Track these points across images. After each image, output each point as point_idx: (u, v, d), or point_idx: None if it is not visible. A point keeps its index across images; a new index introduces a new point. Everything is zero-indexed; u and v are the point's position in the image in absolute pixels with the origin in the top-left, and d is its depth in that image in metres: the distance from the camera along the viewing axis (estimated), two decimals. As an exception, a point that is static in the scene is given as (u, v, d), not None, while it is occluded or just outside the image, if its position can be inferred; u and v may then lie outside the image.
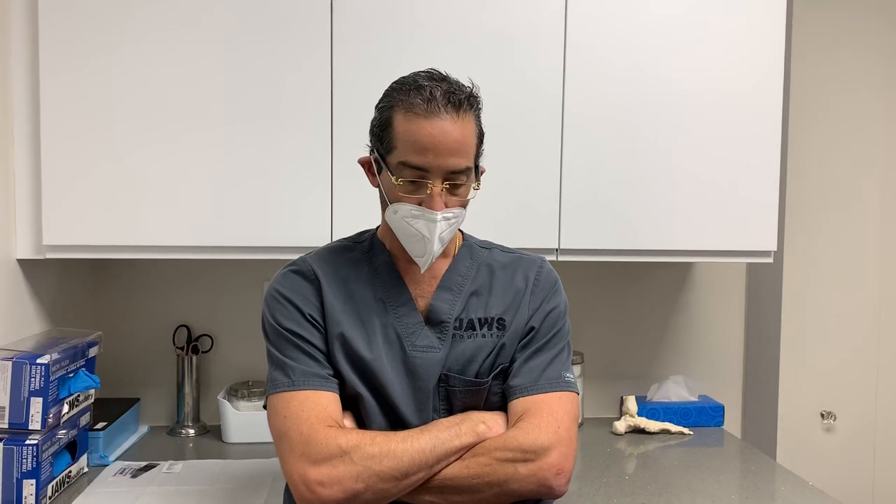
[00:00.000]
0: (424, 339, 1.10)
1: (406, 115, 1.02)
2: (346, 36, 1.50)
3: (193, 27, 1.47)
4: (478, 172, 1.12)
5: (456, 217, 1.07)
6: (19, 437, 1.31)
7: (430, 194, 1.03)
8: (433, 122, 1.01)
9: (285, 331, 1.08)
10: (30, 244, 1.49)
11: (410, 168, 1.02)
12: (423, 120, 1.01)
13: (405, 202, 1.05)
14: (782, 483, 1.52)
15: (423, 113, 1.01)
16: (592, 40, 1.57)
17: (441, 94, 1.01)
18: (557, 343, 1.13)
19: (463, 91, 1.04)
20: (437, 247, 1.06)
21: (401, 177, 1.03)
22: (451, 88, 1.03)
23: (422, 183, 1.03)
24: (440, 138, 1.01)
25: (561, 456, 1.00)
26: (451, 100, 1.02)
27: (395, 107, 1.04)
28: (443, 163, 1.01)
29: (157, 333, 1.87)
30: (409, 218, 1.05)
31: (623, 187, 1.59)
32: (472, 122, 1.06)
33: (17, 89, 1.46)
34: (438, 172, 1.02)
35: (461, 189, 1.07)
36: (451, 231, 1.08)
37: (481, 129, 1.10)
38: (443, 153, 1.01)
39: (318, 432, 0.98)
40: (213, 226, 1.49)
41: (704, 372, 2.06)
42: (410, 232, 1.06)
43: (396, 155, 1.03)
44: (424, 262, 1.08)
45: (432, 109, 1.01)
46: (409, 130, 1.02)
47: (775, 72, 1.62)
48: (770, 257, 1.67)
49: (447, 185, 1.04)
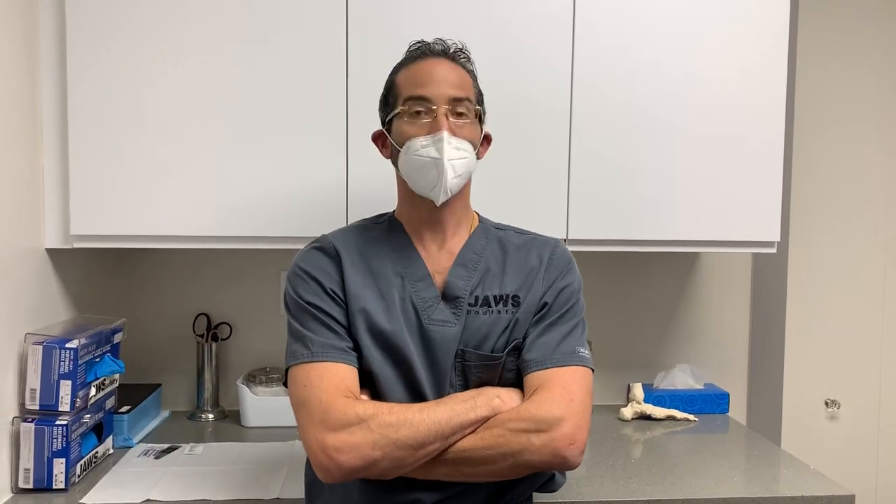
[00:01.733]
0: (440, 314, 1.13)
1: (405, 66, 1.16)
2: (361, 22, 1.53)
3: (217, 21, 1.50)
4: (481, 121, 1.19)
5: (465, 151, 1.12)
6: (50, 418, 1.37)
7: (435, 118, 1.11)
8: (429, 60, 1.14)
9: (307, 304, 1.11)
10: (58, 234, 1.53)
11: (415, 99, 1.12)
12: (420, 61, 1.15)
13: (415, 137, 1.11)
14: (785, 466, 1.55)
15: (419, 58, 1.15)
16: (601, 33, 1.59)
17: (434, 46, 1.16)
18: (571, 318, 1.15)
19: (454, 45, 1.17)
20: (449, 173, 1.09)
21: (406, 108, 1.12)
22: (443, 43, 1.17)
23: (428, 113, 1.11)
24: (438, 70, 1.13)
25: (574, 427, 1.02)
26: (443, 48, 1.16)
27: (396, 71, 1.18)
28: (444, 91, 1.11)
29: (178, 321, 1.92)
30: (418, 150, 1.10)
31: (630, 178, 1.62)
32: (468, 73, 1.17)
33: (45, 84, 1.51)
34: (441, 99, 1.11)
35: (466, 122, 1.14)
36: (463, 165, 1.12)
37: (479, 88, 1.20)
38: (442, 82, 1.11)
39: (336, 401, 1.01)
40: (232, 217, 1.53)
41: (710, 360, 2.09)
42: (421, 162, 1.10)
43: (402, 97, 1.13)
44: (438, 192, 1.11)
45: (427, 54, 1.15)
46: (408, 74, 1.14)
47: (780, 62, 1.64)
48: (773, 248, 1.69)
49: (450, 110, 1.11)
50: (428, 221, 1.18)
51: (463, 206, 1.21)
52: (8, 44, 1.38)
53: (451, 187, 1.11)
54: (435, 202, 1.13)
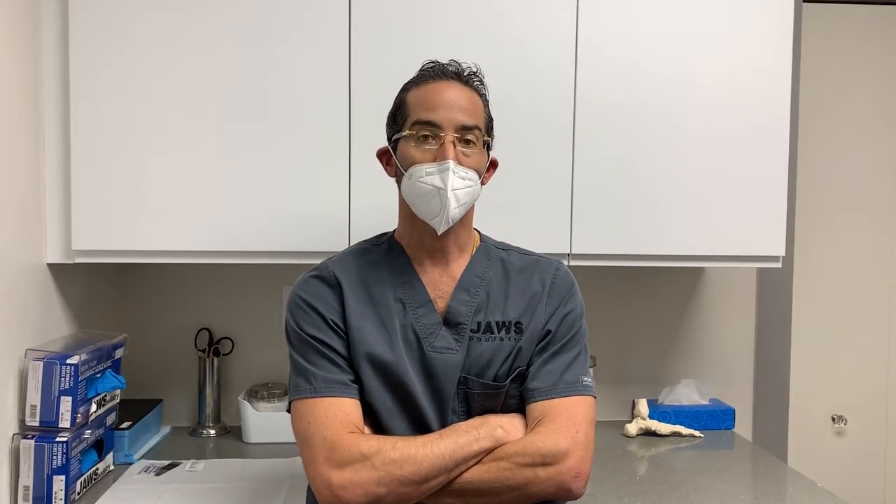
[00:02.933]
0: (442, 341, 1.12)
1: (417, 86, 1.14)
2: (364, 38, 1.53)
3: (218, 31, 1.51)
4: (489, 149, 1.17)
5: (470, 181, 1.10)
6: (49, 434, 1.36)
7: (442, 145, 1.09)
8: (441, 83, 1.12)
9: (308, 336, 1.11)
10: (59, 249, 1.52)
11: (423, 123, 1.10)
12: (433, 83, 1.12)
13: (419, 164, 1.09)
14: (792, 485, 1.53)
15: (432, 79, 1.13)
16: (603, 44, 1.58)
17: (448, 67, 1.14)
18: (574, 346, 1.15)
19: (468, 69, 1.15)
20: (452, 203, 1.08)
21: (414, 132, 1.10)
22: (457, 65, 1.15)
23: (435, 139, 1.09)
24: (449, 95, 1.10)
25: (579, 460, 1.02)
26: (457, 71, 1.14)
27: (407, 89, 1.15)
28: (453, 116, 1.09)
29: (180, 336, 1.91)
30: (423, 176, 1.09)
31: (634, 193, 1.61)
32: (479, 98, 1.16)
33: (48, 100, 1.51)
34: (449, 126, 1.09)
35: (473, 151, 1.12)
36: (467, 195, 1.10)
37: (489, 114, 1.18)
38: (453, 108, 1.09)
39: (341, 438, 1.01)
40: (234, 231, 1.53)
41: (715, 376, 2.07)
42: (424, 190, 1.09)
43: (410, 119, 1.11)
44: (440, 222, 1.10)
45: (440, 76, 1.13)
46: (419, 95, 1.12)
47: (783, 74, 1.64)
48: (779, 262, 1.68)
49: (458, 138, 1.10)
50: (429, 246, 1.17)
51: (466, 231, 1.19)
52: (10, 55, 1.38)
53: (453, 217, 1.10)
54: (437, 231, 1.12)
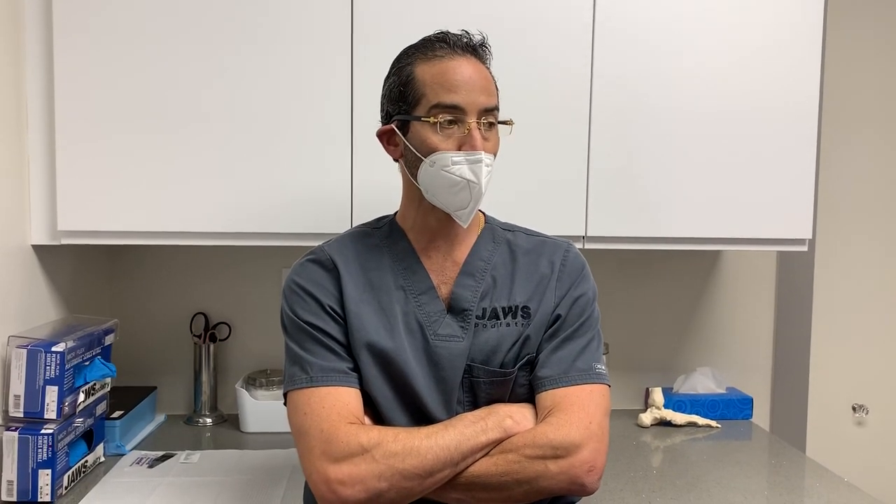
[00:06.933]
0: (447, 328, 1.07)
1: (428, 62, 1.03)
2: (366, 22, 1.46)
3: (212, 13, 1.43)
4: None
5: (492, 167, 1.05)
6: (34, 426, 1.30)
7: (469, 133, 1.01)
8: (458, 61, 1.02)
9: (304, 323, 1.05)
10: (45, 230, 1.46)
11: (445, 108, 1.01)
12: (449, 61, 1.02)
13: (443, 150, 1.01)
14: (814, 478, 1.48)
15: (445, 55, 1.03)
16: (623, 22, 1.51)
17: (457, 41, 1.05)
18: (587, 332, 1.09)
19: (475, 38, 1.06)
20: (482, 194, 1.03)
21: (437, 118, 1.01)
22: (464, 36, 1.05)
23: (459, 123, 1.01)
24: (469, 75, 1.02)
25: (593, 452, 0.97)
26: (467, 45, 1.05)
27: (413, 62, 1.05)
28: (476, 99, 1.01)
29: (174, 321, 1.85)
30: (449, 166, 1.01)
31: (651, 173, 1.55)
32: (489, 70, 1.07)
33: (31, 73, 1.44)
34: (473, 109, 1.01)
35: (493, 134, 1.05)
36: (489, 182, 1.05)
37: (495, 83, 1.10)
38: (475, 89, 1.01)
39: (338, 429, 0.95)
40: (231, 212, 1.46)
41: (732, 363, 2.01)
42: (452, 181, 1.02)
43: (427, 101, 1.02)
44: (467, 215, 1.05)
45: (454, 52, 1.03)
46: (435, 74, 1.02)
47: (813, 57, 1.57)
48: (804, 245, 1.61)
49: (485, 122, 1.03)
50: (437, 232, 1.10)
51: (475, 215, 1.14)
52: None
53: (479, 204, 1.06)
54: (461, 224, 1.06)
